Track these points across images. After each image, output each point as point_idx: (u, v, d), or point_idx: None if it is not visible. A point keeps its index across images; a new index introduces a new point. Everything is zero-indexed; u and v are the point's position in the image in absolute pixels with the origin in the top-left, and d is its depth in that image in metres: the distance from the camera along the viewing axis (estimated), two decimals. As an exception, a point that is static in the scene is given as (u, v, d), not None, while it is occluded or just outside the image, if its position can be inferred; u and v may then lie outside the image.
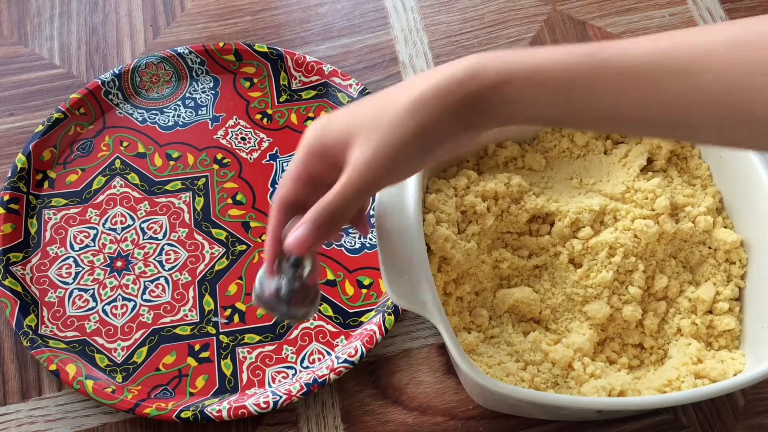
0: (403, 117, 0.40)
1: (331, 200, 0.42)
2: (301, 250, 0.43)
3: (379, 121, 0.41)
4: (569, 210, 0.61)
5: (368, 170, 0.41)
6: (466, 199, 0.60)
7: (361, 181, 0.41)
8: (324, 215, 0.43)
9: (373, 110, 0.42)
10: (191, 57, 0.75)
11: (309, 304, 0.50)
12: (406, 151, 0.41)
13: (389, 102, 0.41)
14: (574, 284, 0.60)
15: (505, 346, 0.57)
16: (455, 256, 0.57)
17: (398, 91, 0.42)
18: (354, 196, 0.42)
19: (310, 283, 0.49)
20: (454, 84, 0.40)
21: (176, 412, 0.58)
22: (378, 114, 0.41)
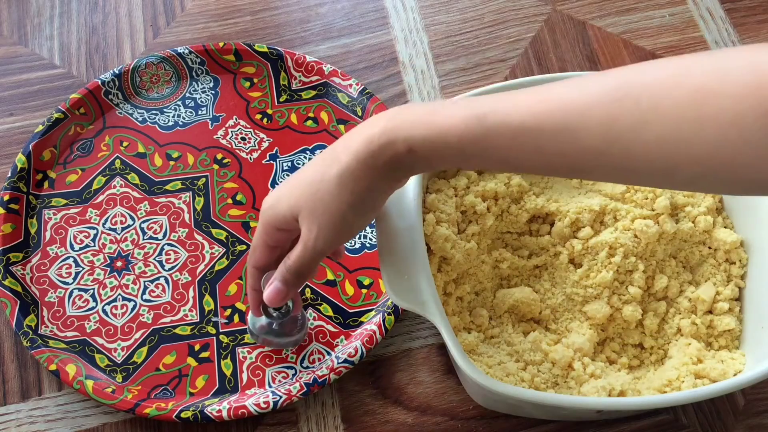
0: (336, 189, 0.46)
1: (294, 261, 0.49)
2: (276, 302, 0.52)
3: (318, 195, 0.46)
4: (569, 210, 0.61)
5: (317, 243, 0.48)
6: (466, 199, 0.60)
7: (315, 251, 0.48)
8: (289, 274, 0.51)
9: (311, 186, 0.47)
10: (191, 57, 0.75)
11: (299, 329, 0.60)
12: (346, 219, 0.47)
13: (323, 176, 0.46)
14: (574, 284, 0.60)
15: (505, 346, 0.57)
16: (455, 256, 0.57)
17: (328, 162, 0.46)
18: (311, 262, 0.49)
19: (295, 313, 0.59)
20: (373, 154, 0.44)
21: (176, 412, 0.58)
22: (314, 190, 0.46)
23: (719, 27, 0.81)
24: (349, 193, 0.45)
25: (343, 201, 0.46)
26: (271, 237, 0.51)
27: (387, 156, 0.44)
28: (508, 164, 0.43)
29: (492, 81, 0.77)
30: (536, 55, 0.79)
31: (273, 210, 0.49)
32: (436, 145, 0.43)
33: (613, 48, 0.79)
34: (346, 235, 0.48)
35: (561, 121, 0.39)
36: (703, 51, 0.40)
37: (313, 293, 0.65)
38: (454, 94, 0.76)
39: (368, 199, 0.46)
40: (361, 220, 0.48)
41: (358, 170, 0.45)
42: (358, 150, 0.45)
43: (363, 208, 0.47)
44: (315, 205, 0.46)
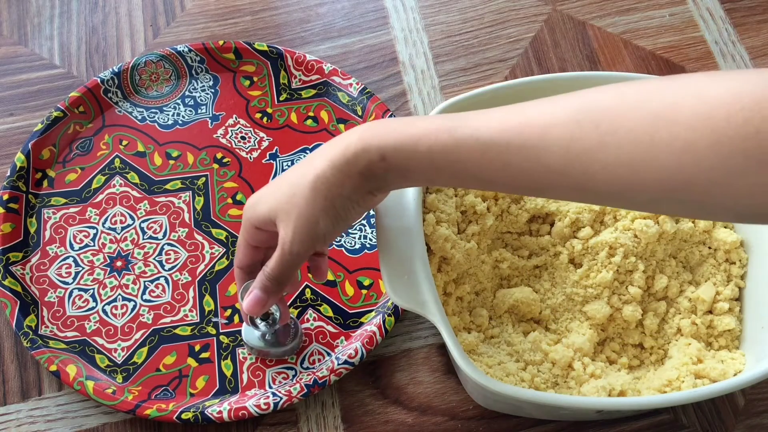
0: (311, 195, 0.46)
1: (272, 268, 0.50)
2: (256, 312, 0.52)
3: (293, 200, 0.47)
4: (569, 210, 0.61)
5: (293, 246, 0.48)
6: (466, 199, 0.60)
7: (291, 254, 0.49)
8: (267, 280, 0.51)
9: (288, 189, 0.48)
10: (191, 55, 0.75)
11: (293, 337, 0.61)
12: (320, 224, 0.47)
13: (299, 182, 0.47)
14: (574, 284, 0.60)
15: (505, 346, 0.57)
16: (455, 256, 0.57)
17: (304, 169, 0.47)
18: (289, 266, 0.50)
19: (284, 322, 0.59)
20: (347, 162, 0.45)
21: (177, 413, 0.58)
22: (290, 194, 0.48)
23: (719, 27, 0.81)
24: (323, 199, 0.46)
25: (316, 207, 0.46)
26: (251, 236, 0.52)
27: (361, 164, 0.45)
28: (476, 180, 0.44)
29: (492, 81, 0.77)
30: (536, 55, 0.79)
31: (253, 210, 0.50)
32: (407, 154, 0.44)
33: (613, 48, 0.79)
34: (319, 241, 0.48)
35: (525, 139, 0.40)
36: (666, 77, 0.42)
37: (313, 293, 0.65)
38: (454, 94, 0.76)
39: (341, 207, 0.47)
40: (333, 227, 0.48)
41: (332, 177, 0.46)
42: (333, 157, 0.46)
43: (335, 216, 0.47)
44: (290, 209, 0.47)
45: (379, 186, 0.47)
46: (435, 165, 0.44)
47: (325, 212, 0.47)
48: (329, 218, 0.47)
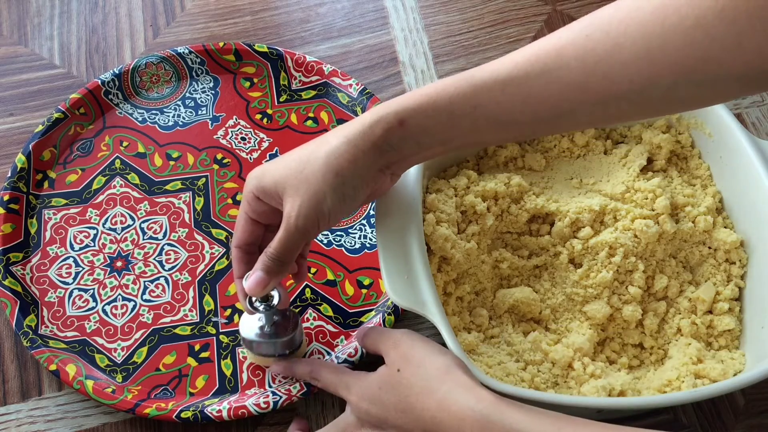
0: (322, 170, 0.46)
1: (275, 248, 0.49)
2: (258, 292, 0.51)
3: (303, 174, 0.47)
4: (569, 210, 0.61)
5: (297, 222, 0.47)
6: (466, 199, 0.60)
7: (296, 231, 0.48)
8: (270, 261, 0.50)
9: (297, 164, 0.47)
10: (191, 57, 0.75)
11: (293, 329, 0.57)
12: (327, 201, 0.47)
13: (310, 156, 0.47)
14: (574, 284, 0.60)
15: (505, 346, 0.57)
16: (455, 256, 0.57)
17: (319, 144, 0.47)
18: (293, 243, 0.49)
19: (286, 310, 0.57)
20: (364, 132, 0.46)
21: (176, 413, 0.58)
22: (301, 168, 0.47)
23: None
24: (334, 175, 0.46)
25: (327, 182, 0.46)
26: (253, 208, 0.51)
27: (377, 134, 0.45)
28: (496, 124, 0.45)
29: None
30: (536, 55, 0.79)
31: (258, 180, 0.50)
32: (426, 112, 0.45)
33: (613, 48, 0.79)
34: (324, 219, 0.48)
35: (542, 65, 0.43)
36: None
37: (313, 293, 0.65)
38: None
39: (350, 185, 0.47)
40: (340, 206, 0.47)
41: (346, 152, 0.46)
42: (348, 132, 0.46)
43: (343, 194, 0.47)
44: (299, 183, 0.47)
45: (392, 160, 0.47)
46: (454, 119, 0.44)
47: (334, 189, 0.46)
48: (337, 195, 0.47)
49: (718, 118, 0.61)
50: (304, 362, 0.57)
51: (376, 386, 0.50)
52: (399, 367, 0.49)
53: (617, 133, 0.67)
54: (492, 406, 0.44)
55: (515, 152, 0.66)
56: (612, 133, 0.67)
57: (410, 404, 0.47)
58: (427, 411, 0.46)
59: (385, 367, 0.51)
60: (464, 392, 0.46)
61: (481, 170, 0.65)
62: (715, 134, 0.62)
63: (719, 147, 0.62)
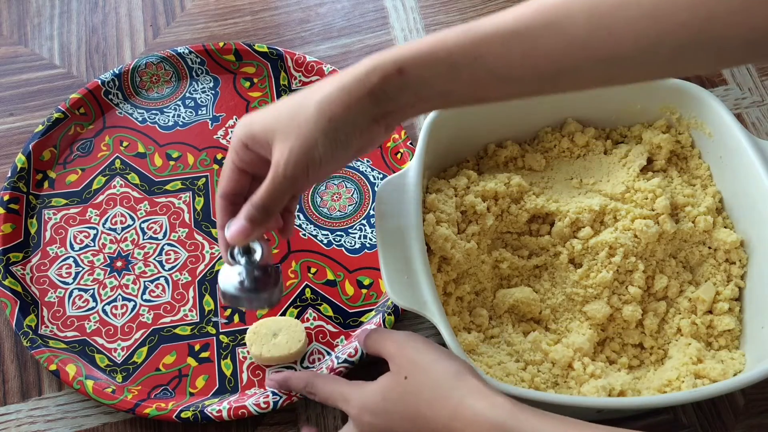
0: (314, 115, 0.44)
1: (260, 196, 0.47)
2: (239, 241, 0.48)
3: (295, 120, 0.45)
4: (569, 210, 0.61)
5: (286, 169, 0.45)
6: (466, 199, 0.60)
7: (284, 178, 0.45)
8: (254, 209, 0.47)
9: (289, 110, 0.46)
10: (191, 57, 0.75)
11: (273, 285, 0.53)
12: (318, 148, 0.45)
13: (303, 102, 0.45)
14: (574, 284, 0.60)
15: (505, 346, 0.57)
16: (455, 256, 0.57)
17: (312, 91, 0.46)
18: (280, 192, 0.46)
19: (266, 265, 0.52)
20: (359, 79, 0.44)
21: (176, 412, 0.58)
22: (293, 114, 0.45)
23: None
24: (326, 120, 0.44)
25: (318, 128, 0.44)
26: (239, 157, 0.49)
27: (373, 81, 0.44)
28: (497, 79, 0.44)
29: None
30: (536, 55, 0.79)
31: (247, 127, 0.48)
32: (426, 62, 0.43)
33: (613, 48, 0.79)
34: (314, 166, 0.46)
35: (546, 18, 0.41)
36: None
37: (313, 293, 0.65)
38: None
39: (343, 131, 0.45)
40: (331, 152, 0.45)
41: (339, 98, 0.44)
42: (342, 79, 0.45)
43: (335, 140, 0.45)
44: (290, 128, 0.45)
45: (388, 110, 0.45)
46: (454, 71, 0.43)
47: (326, 134, 0.45)
48: (329, 141, 0.45)
49: (718, 118, 0.61)
50: (299, 375, 0.56)
51: (379, 396, 0.49)
52: (406, 374, 0.48)
53: (617, 133, 0.67)
54: (508, 413, 0.43)
55: (515, 152, 0.66)
56: (612, 133, 0.67)
57: (420, 413, 0.46)
58: (439, 419, 0.45)
59: (390, 375, 0.49)
60: (479, 398, 0.45)
61: (481, 170, 0.65)
62: (715, 134, 0.62)
63: (719, 147, 0.62)
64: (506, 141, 0.66)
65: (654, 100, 0.65)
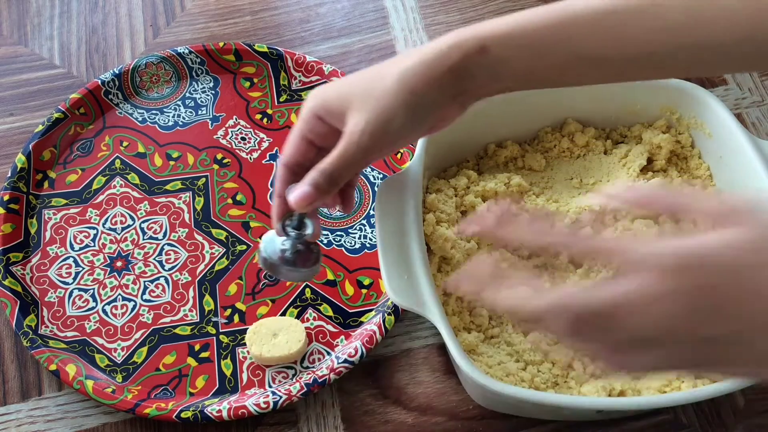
0: (393, 86, 0.43)
1: (329, 163, 0.45)
2: (300, 207, 0.46)
3: (372, 91, 0.44)
4: (569, 210, 0.61)
5: (361, 139, 0.44)
6: (466, 199, 0.60)
7: (357, 149, 0.44)
8: (321, 177, 0.45)
9: (367, 81, 0.45)
10: (191, 57, 0.75)
11: (312, 264, 0.52)
12: (396, 120, 0.44)
13: (381, 73, 0.44)
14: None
15: (505, 346, 0.57)
16: (455, 256, 0.57)
17: (390, 64, 0.45)
18: (350, 161, 0.45)
19: (312, 243, 0.52)
20: (440, 55, 0.43)
21: (176, 412, 0.58)
22: (371, 84, 0.44)
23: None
24: (408, 93, 0.43)
25: (398, 100, 0.43)
26: (309, 127, 0.47)
27: (455, 58, 0.43)
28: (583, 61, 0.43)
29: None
30: (536, 55, 0.79)
31: (321, 97, 0.47)
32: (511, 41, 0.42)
33: (613, 48, 0.79)
34: (389, 139, 0.45)
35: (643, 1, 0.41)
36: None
37: (313, 293, 0.65)
38: (454, 94, 0.76)
39: (422, 106, 0.44)
40: (409, 127, 0.45)
41: (420, 72, 0.43)
42: (424, 53, 0.44)
43: (414, 115, 0.44)
44: (368, 99, 0.44)
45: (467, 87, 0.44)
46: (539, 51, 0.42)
47: (406, 108, 0.44)
48: (407, 116, 0.44)
49: (718, 118, 0.61)
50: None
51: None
52: None
53: (617, 133, 0.67)
54: None
55: (515, 152, 0.66)
56: (612, 133, 0.67)
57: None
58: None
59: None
60: None
61: (481, 170, 0.65)
62: (715, 134, 0.62)
63: (719, 147, 0.62)
64: (506, 141, 0.66)
65: (654, 100, 0.65)
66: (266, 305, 0.64)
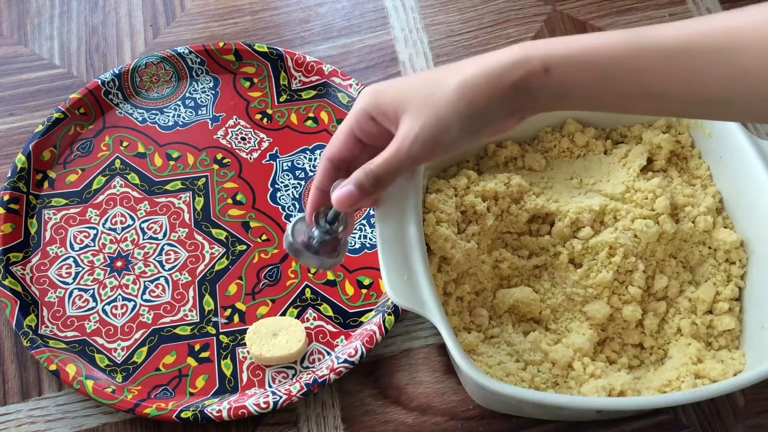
0: (453, 97, 0.42)
1: (377, 166, 0.44)
2: (344, 206, 0.46)
3: (431, 97, 0.43)
4: (569, 210, 0.61)
5: (413, 146, 0.43)
6: (466, 199, 0.60)
7: (407, 155, 0.44)
8: (366, 179, 0.45)
9: (426, 86, 0.43)
10: (191, 57, 0.75)
11: (336, 255, 0.52)
12: (452, 131, 0.43)
13: (441, 80, 0.43)
14: (574, 284, 0.60)
15: (505, 346, 0.57)
16: (455, 256, 0.57)
17: (450, 71, 0.44)
18: (398, 166, 0.44)
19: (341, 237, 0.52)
20: (503, 70, 0.42)
21: (176, 412, 0.58)
22: (430, 90, 0.43)
23: (719, 27, 0.81)
24: (465, 105, 0.42)
25: (456, 111, 0.42)
26: (360, 125, 0.46)
27: (517, 75, 0.42)
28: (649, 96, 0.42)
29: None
30: (536, 55, 0.79)
31: (376, 96, 0.45)
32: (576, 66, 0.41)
33: (613, 48, 0.79)
34: (441, 150, 0.44)
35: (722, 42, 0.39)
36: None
37: (313, 293, 0.65)
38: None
39: (479, 119, 0.43)
40: (463, 138, 0.44)
41: (481, 84, 0.42)
42: (487, 64, 0.42)
43: (470, 128, 0.43)
44: (424, 105, 0.43)
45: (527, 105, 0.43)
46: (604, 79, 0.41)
47: (462, 120, 0.43)
48: (463, 128, 0.43)
49: (718, 118, 0.61)
50: None
51: None
52: None
53: (617, 133, 0.67)
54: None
55: (515, 152, 0.66)
56: (612, 133, 0.67)
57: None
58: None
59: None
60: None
61: (481, 170, 0.65)
62: (715, 134, 0.62)
63: (719, 147, 0.62)
64: (506, 141, 0.66)
65: (654, 100, 0.65)
66: (266, 305, 0.64)
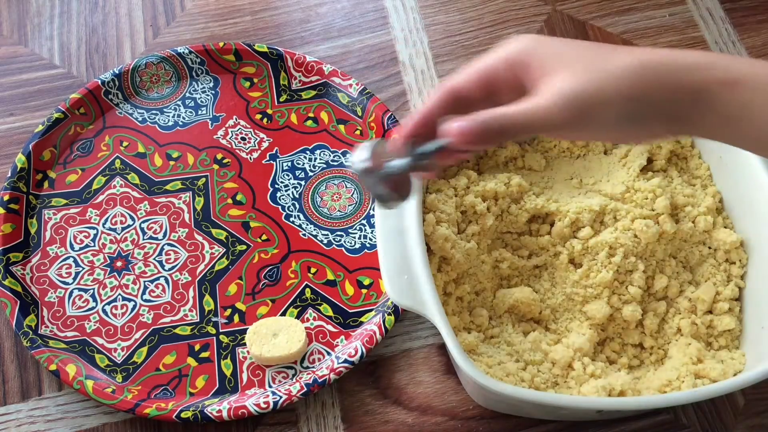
0: (621, 74, 0.38)
1: (510, 114, 0.39)
2: (460, 140, 0.40)
3: (595, 65, 0.38)
4: (569, 210, 0.61)
5: (558, 103, 0.38)
6: (466, 199, 0.60)
7: (546, 112, 0.38)
8: (496, 122, 0.39)
9: (593, 54, 0.39)
10: (191, 57, 0.75)
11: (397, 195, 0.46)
12: (608, 107, 0.38)
13: (608, 54, 0.39)
14: (574, 284, 0.60)
15: (505, 346, 0.57)
16: (455, 256, 0.57)
17: (620, 51, 0.40)
18: (529, 123, 0.39)
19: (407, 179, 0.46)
20: (683, 67, 0.38)
21: (176, 412, 0.58)
22: (597, 60, 0.39)
23: (719, 27, 0.81)
24: (630, 87, 0.38)
25: (620, 89, 0.38)
26: (495, 68, 0.42)
27: (697, 77, 0.37)
28: None
29: (492, 81, 0.77)
30: (536, 55, 0.79)
31: (527, 45, 0.41)
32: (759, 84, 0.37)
33: (613, 48, 0.79)
34: (581, 123, 0.39)
35: None
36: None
37: (313, 293, 0.65)
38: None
39: (637, 111, 0.38)
40: (607, 123, 0.39)
41: (660, 72, 0.38)
42: (666, 56, 0.38)
43: (628, 113, 0.39)
44: (583, 70, 0.38)
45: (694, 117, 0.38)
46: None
47: (623, 101, 0.38)
48: (621, 111, 0.38)
49: (718, 118, 0.61)
50: None
51: None
52: None
53: (617, 133, 0.67)
54: None
55: (515, 152, 0.66)
56: (612, 133, 0.67)
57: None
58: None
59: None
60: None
61: (481, 170, 0.65)
62: (715, 134, 0.62)
63: (719, 147, 0.62)
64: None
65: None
66: (266, 305, 0.64)
